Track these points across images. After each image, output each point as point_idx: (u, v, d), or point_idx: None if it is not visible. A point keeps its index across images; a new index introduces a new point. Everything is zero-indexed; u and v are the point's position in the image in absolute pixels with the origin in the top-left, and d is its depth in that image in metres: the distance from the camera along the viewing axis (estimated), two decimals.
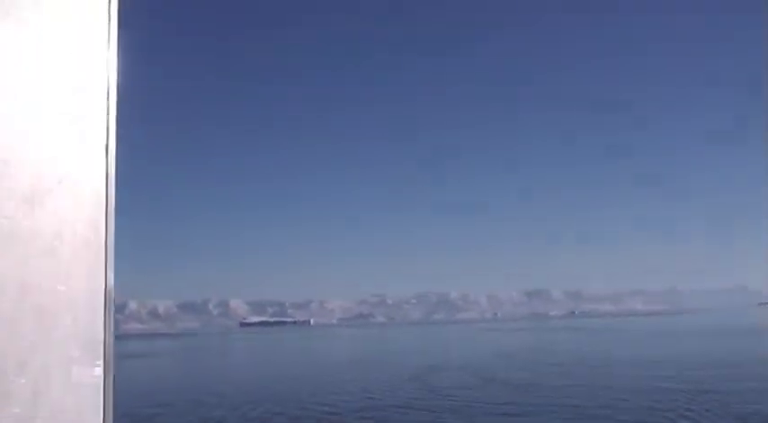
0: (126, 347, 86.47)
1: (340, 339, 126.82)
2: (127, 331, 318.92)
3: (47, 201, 1.60)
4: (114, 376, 1.70)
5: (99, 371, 1.68)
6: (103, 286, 1.72)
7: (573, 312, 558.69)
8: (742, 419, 20.58)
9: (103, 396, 1.69)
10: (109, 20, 1.81)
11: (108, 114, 1.80)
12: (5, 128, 1.54)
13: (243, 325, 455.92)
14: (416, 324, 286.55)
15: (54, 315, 1.58)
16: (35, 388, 1.52)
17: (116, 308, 1.78)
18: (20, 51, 1.59)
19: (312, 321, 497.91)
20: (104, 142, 1.78)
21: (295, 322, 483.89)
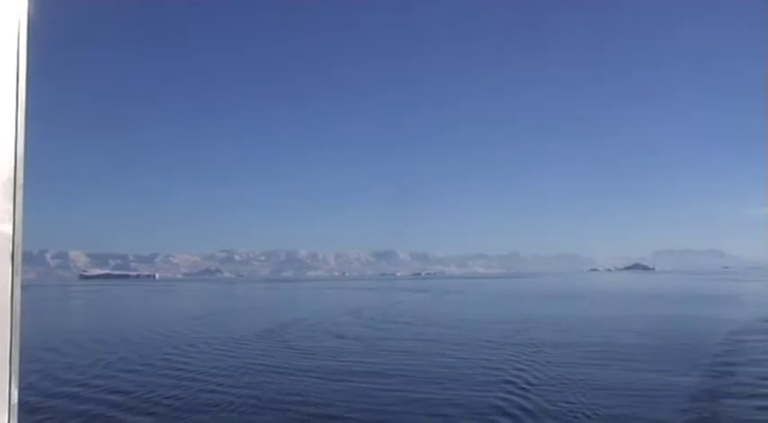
0: None
1: (186, 294, 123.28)
2: None
3: None
4: None
5: None
6: None
7: (419, 274, 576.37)
8: (559, 367, 22.55)
9: None
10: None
11: None
12: None
13: (83, 277, 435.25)
14: (265, 281, 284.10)
15: None
16: None
17: None
18: None
19: (157, 275, 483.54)
20: None
21: (138, 276, 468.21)
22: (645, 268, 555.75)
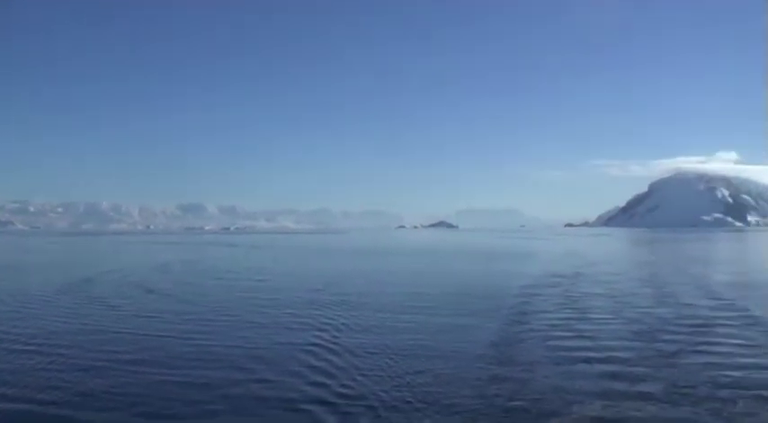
0: None
1: None
2: None
3: None
4: None
5: None
6: None
7: (228, 228, 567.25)
8: (368, 314, 22.96)
9: None
10: None
11: None
12: None
13: None
14: (63, 234, 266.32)
15: None
16: None
17: None
18: None
19: None
20: None
21: None
22: (449, 226, 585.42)
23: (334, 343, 18.54)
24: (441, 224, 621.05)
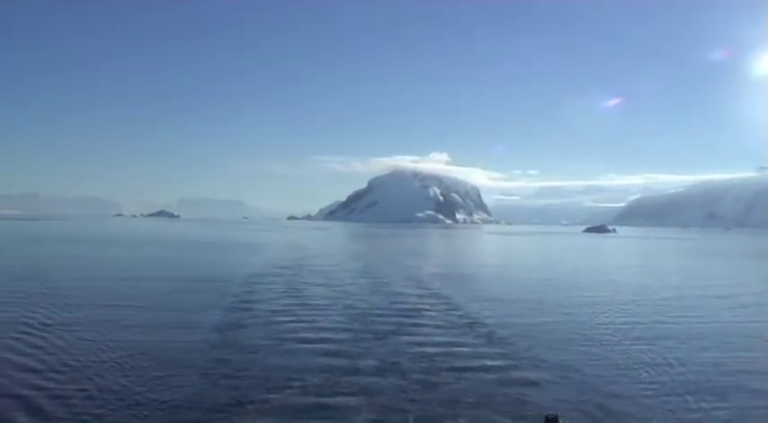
0: None
1: None
2: None
3: None
4: None
5: None
6: None
7: None
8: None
9: None
10: None
11: None
12: None
13: None
14: None
15: None
16: None
17: None
18: None
19: None
20: None
21: None
22: (171, 215, 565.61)
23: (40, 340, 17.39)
24: (161, 214, 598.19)
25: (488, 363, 15.46)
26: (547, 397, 12.69)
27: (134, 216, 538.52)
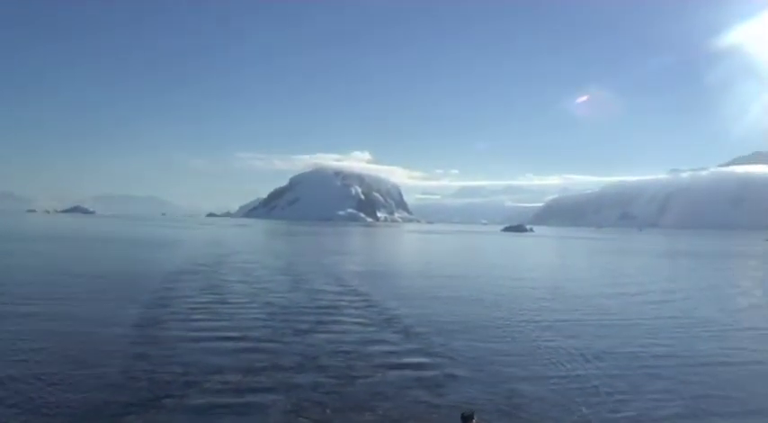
0: None
1: None
2: None
3: None
4: None
5: None
6: None
7: None
8: None
9: None
10: None
11: None
12: None
13: None
14: None
15: None
16: None
17: None
18: None
19: None
20: None
21: None
22: (85, 211, 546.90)
23: None
24: (76, 209, 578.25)
25: (405, 357, 15.96)
26: (460, 389, 13.24)
27: (47, 212, 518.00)
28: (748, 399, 13.31)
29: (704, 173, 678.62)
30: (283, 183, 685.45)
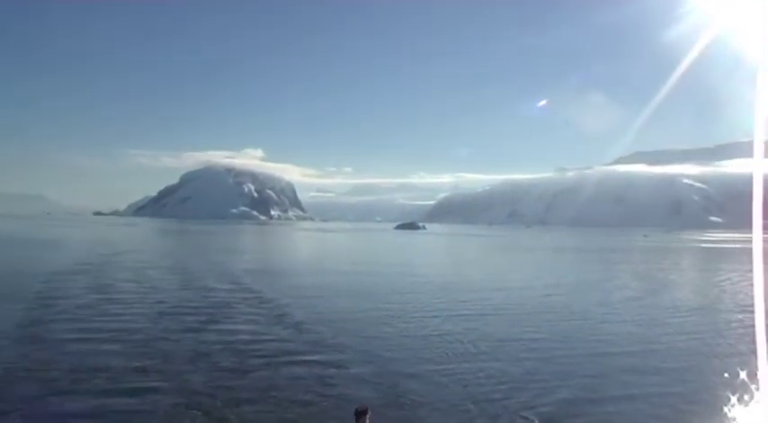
0: None
1: None
2: None
3: None
4: None
5: None
6: None
7: None
8: None
9: None
10: None
11: None
12: None
13: None
14: None
15: None
16: None
17: None
18: None
19: None
20: None
21: None
22: None
23: None
24: None
25: (296, 351, 16.31)
26: (351, 381, 13.68)
27: None
28: (630, 382, 14.38)
29: (589, 171, 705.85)
30: (173, 181, 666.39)
